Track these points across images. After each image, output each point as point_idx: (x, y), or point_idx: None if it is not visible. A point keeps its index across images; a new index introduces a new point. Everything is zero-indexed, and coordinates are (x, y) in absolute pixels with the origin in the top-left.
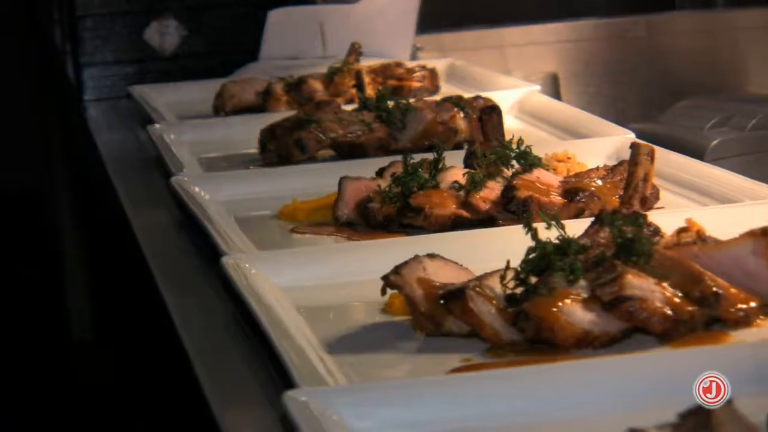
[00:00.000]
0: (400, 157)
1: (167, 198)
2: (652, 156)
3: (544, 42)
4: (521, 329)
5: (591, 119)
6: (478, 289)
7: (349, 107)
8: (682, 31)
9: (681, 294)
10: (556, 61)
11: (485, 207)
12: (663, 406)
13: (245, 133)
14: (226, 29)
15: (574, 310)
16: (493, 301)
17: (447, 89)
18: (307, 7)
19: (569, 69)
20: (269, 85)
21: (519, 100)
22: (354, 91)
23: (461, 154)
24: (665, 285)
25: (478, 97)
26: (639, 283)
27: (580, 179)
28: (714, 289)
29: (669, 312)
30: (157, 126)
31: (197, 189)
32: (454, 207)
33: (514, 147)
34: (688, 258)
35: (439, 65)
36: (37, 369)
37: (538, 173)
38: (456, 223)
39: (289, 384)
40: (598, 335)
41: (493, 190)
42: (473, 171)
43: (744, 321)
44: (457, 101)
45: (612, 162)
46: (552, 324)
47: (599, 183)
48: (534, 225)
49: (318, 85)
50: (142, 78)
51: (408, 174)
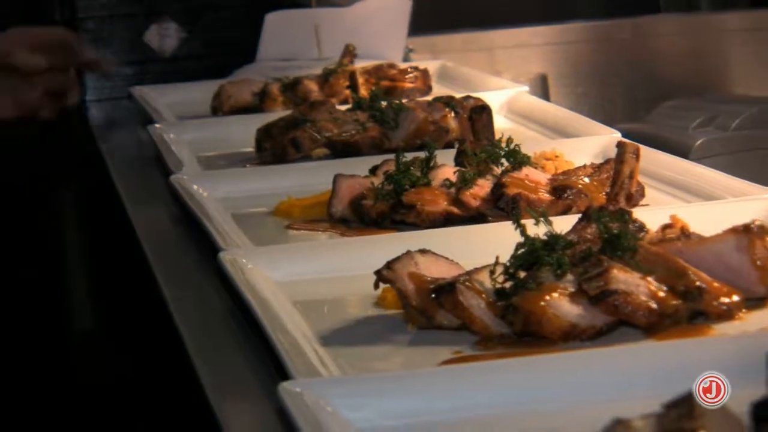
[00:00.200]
0: (392, 156)
1: (167, 195)
2: (637, 154)
3: (533, 44)
4: (510, 322)
5: (578, 119)
6: (468, 284)
7: (344, 107)
8: (667, 34)
9: (665, 288)
10: (544, 63)
11: (475, 204)
12: (648, 396)
13: (242, 133)
14: (223, 32)
15: (561, 303)
16: (483, 295)
17: (438, 90)
18: (303, 10)
19: (558, 70)
20: (266, 86)
21: (508, 100)
22: (348, 92)
23: (452, 152)
24: (650, 279)
25: (468, 97)
26: (624, 278)
27: (567, 177)
28: (697, 284)
29: (654, 305)
30: (157, 126)
31: (196, 187)
32: (445, 204)
33: (503, 146)
34: (672, 253)
35: (431, 66)
36: (39, 359)
37: (526, 171)
38: (447, 220)
39: (285, 375)
40: (584, 328)
41: (483, 187)
42: (464, 169)
43: (726, 314)
44: (448, 101)
45: (599, 160)
46: (540, 317)
47: (586, 180)
48: (523, 221)
49: (313, 86)
50: (142, 79)
51: (400, 172)
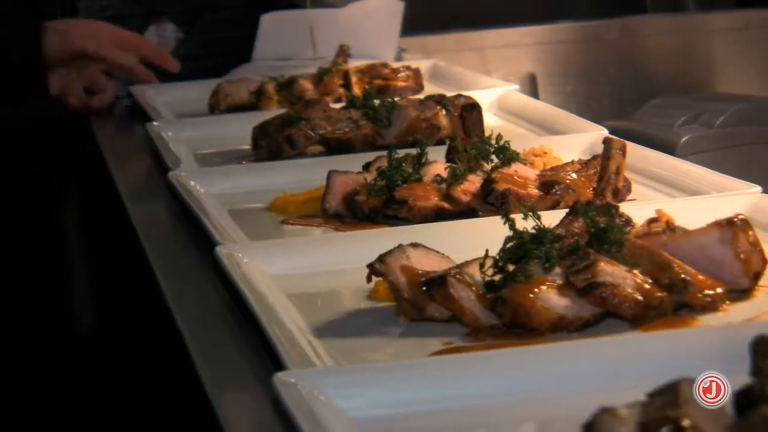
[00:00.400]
0: (385, 153)
1: (165, 192)
2: (623, 151)
3: (522, 44)
4: (499, 314)
5: (566, 116)
6: (458, 277)
7: (337, 105)
8: (653, 34)
9: (651, 280)
10: (534, 62)
11: (466, 199)
12: (633, 386)
13: (239, 131)
14: (221, 32)
15: (549, 295)
16: (473, 288)
17: (430, 88)
18: (298, 11)
19: (547, 69)
20: (262, 85)
21: (498, 98)
22: (342, 90)
23: (443, 149)
24: (636, 272)
25: (459, 96)
26: (611, 270)
27: (555, 173)
28: (682, 276)
29: (639, 297)
30: (156, 124)
31: (193, 183)
32: (436, 199)
33: (493, 142)
34: (657, 246)
35: (423, 66)
36: (41, 349)
37: (516, 167)
38: (438, 215)
39: (280, 366)
40: (572, 319)
41: (474, 183)
42: (454, 165)
43: (711, 306)
44: (440, 99)
45: (586, 156)
46: (528, 309)
47: (574, 176)
48: (512, 216)
49: (308, 85)
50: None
51: (393, 168)
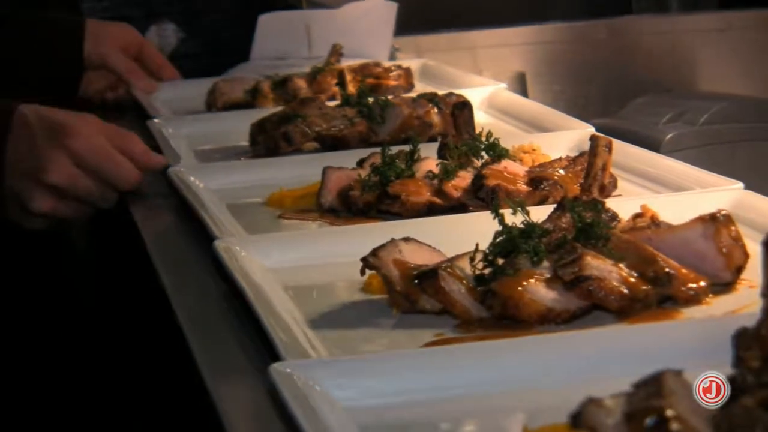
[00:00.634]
0: (379, 149)
1: (165, 187)
2: (610, 148)
3: (512, 44)
4: (489, 306)
5: (554, 114)
6: (449, 270)
7: (332, 103)
8: (639, 34)
9: (636, 274)
10: (523, 62)
11: (457, 194)
12: (619, 377)
13: (237, 128)
14: (219, 32)
15: (537, 288)
16: (463, 281)
17: (421, 87)
18: (295, 12)
19: (536, 68)
20: (257, 84)
21: (488, 96)
22: (336, 89)
23: (435, 146)
24: (621, 266)
25: (450, 94)
26: (597, 264)
27: (544, 169)
28: (666, 270)
29: (625, 291)
30: (156, 121)
31: (192, 178)
32: (428, 195)
33: (483, 139)
34: (642, 241)
35: (414, 65)
36: (46, 338)
37: (505, 163)
38: (430, 210)
39: (276, 357)
40: (559, 312)
41: (464, 179)
42: (446, 162)
43: (694, 299)
44: (432, 98)
45: (574, 153)
46: (517, 301)
47: (562, 172)
48: (501, 211)
49: (302, 83)
50: None
51: (386, 164)
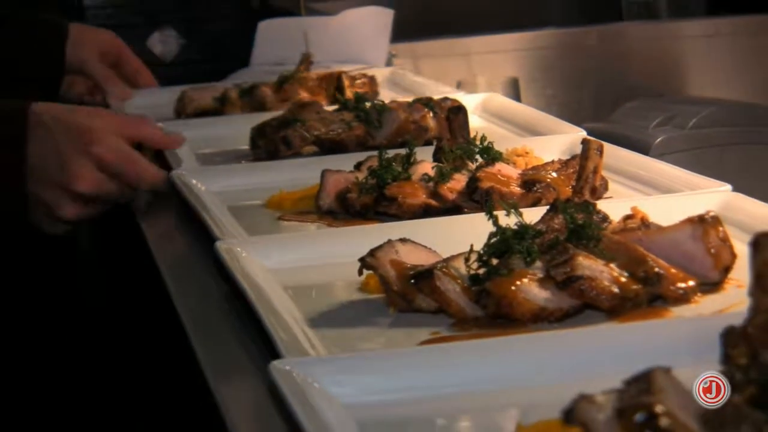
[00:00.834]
0: (376, 153)
1: (167, 189)
2: (601, 151)
3: (506, 50)
4: (483, 305)
5: (547, 118)
6: (444, 270)
7: (331, 108)
8: (630, 40)
9: (627, 274)
10: (517, 67)
11: (452, 197)
12: (610, 374)
13: (238, 132)
14: (220, 38)
15: (530, 288)
16: (458, 281)
17: (385, 94)
18: (293, 18)
19: (529, 74)
20: (225, 91)
21: (483, 101)
22: (305, 95)
23: (431, 149)
24: (612, 266)
25: (446, 99)
26: (589, 264)
27: (537, 172)
28: (656, 270)
29: (616, 290)
30: (159, 125)
31: (194, 181)
32: (424, 197)
33: (477, 143)
34: (633, 242)
35: (383, 73)
36: (53, 337)
37: (499, 166)
38: (426, 211)
39: (275, 355)
40: (552, 311)
41: (459, 181)
42: (441, 165)
43: (683, 298)
44: (427, 102)
45: (566, 156)
46: (511, 300)
47: (554, 175)
48: (495, 213)
49: (269, 91)
50: None
51: (383, 167)
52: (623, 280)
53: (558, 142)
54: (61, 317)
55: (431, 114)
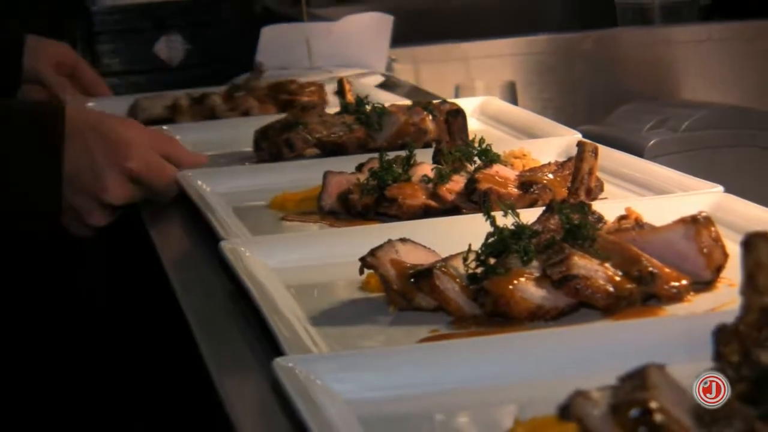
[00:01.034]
0: (377, 155)
1: (173, 190)
2: (596, 153)
3: (503, 54)
4: (481, 304)
5: (542, 121)
6: (443, 269)
7: (331, 111)
8: (624, 45)
9: (621, 273)
10: (514, 71)
11: (451, 198)
12: (605, 370)
13: (241, 134)
14: (225, 44)
15: (527, 287)
16: (457, 280)
17: (334, 102)
18: (296, 24)
19: (526, 78)
20: (176, 100)
21: (480, 104)
22: (254, 104)
23: (430, 151)
24: (607, 265)
25: (444, 102)
26: (584, 264)
27: (533, 173)
28: (650, 269)
29: (611, 289)
30: (164, 128)
31: (200, 182)
32: (423, 198)
33: (476, 145)
34: (627, 242)
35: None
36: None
37: (497, 168)
38: (425, 212)
39: (279, 352)
40: (548, 309)
41: (458, 183)
42: (440, 166)
43: (676, 297)
44: (426, 105)
45: (562, 158)
46: (508, 299)
47: (551, 177)
48: (493, 213)
49: (219, 100)
50: (151, 86)
51: (383, 169)
52: (618, 279)
53: (554, 144)
54: (67, 315)
55: (430, 117)
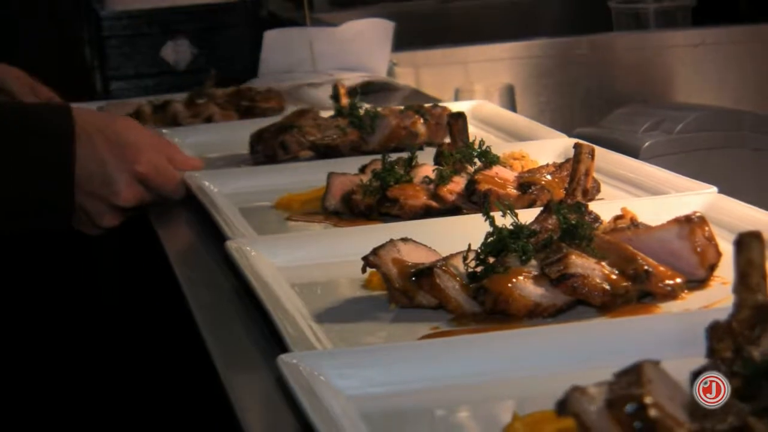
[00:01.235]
0: (378, 156)
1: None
2: (592, 154)
3: (501, 58)
4: (481, 302)
5: (533, 124)
6: (444, 268)
7: (326, 114)
8: (619, 49)
9: (617, 272)
10: (512, 75)
11: (451, 198)
12: (602, 367)
13: (238, 137)
14: (231, 48)
15: (526, 285)
16: (457, 278)
17: (291, 107)
18: (299, 28)
19: (524, 81)
20: (139, 107)
21: (473, 108)
22: (214, 110)
23: (432, 153)
24: (604, 264)
25: (435, 106)
26: (581, 263)
27: (532, 175)
28: (645, 268)
29: (607, 287)
30: (165, 131)
31: (207, 183)
32: (424, 198)
33: (476, 147)
34: (623, 241)
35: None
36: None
37: (496, 169)
38: (426, 212)
39: (284, 348)
40: (546, 306)
41: (458, 183)
42: (441, 168)
43: (671, 295)
44: (418, 109)
45: (559, 160)
46: (507, 297)
47: (548, 178)
48: (492, 213)
49: (180, 107)
50: (159, 89)
51: (386, 170)
52: (614, 277)
53: (552, 146)
54: (76, 312)
55: (422, 120)
